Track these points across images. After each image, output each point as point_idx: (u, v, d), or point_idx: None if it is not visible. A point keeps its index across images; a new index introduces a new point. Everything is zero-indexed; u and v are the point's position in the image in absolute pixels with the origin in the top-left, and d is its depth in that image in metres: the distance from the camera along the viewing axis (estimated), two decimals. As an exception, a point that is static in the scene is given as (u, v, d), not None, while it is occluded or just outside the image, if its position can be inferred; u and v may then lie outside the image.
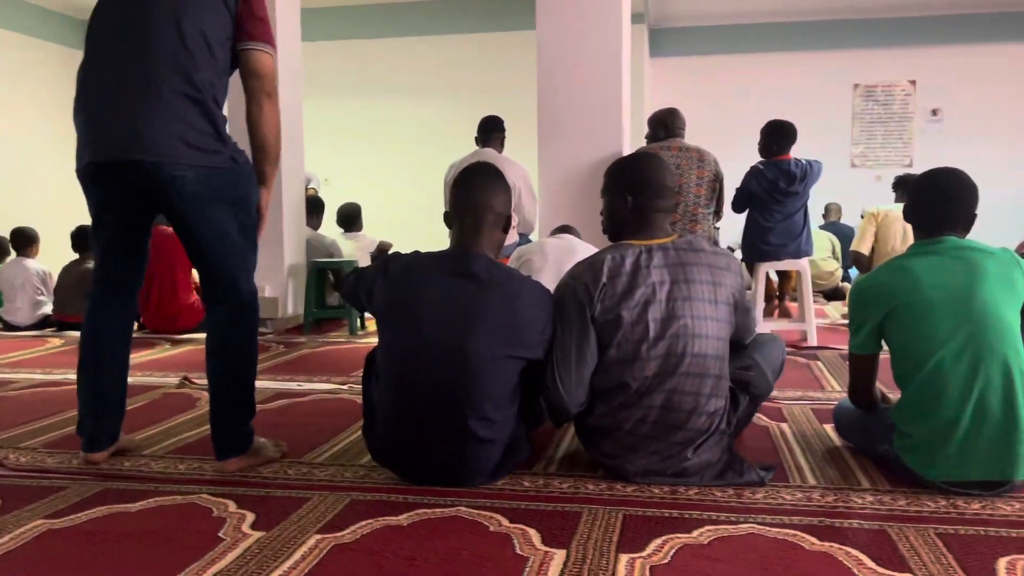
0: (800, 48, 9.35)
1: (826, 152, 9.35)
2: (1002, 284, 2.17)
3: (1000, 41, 9.05)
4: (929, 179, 2.32)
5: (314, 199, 6.07)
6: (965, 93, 9.16)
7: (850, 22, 9.19)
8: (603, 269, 2.21)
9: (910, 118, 9.30)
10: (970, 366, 2.09)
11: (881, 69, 9.30)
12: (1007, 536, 1.87)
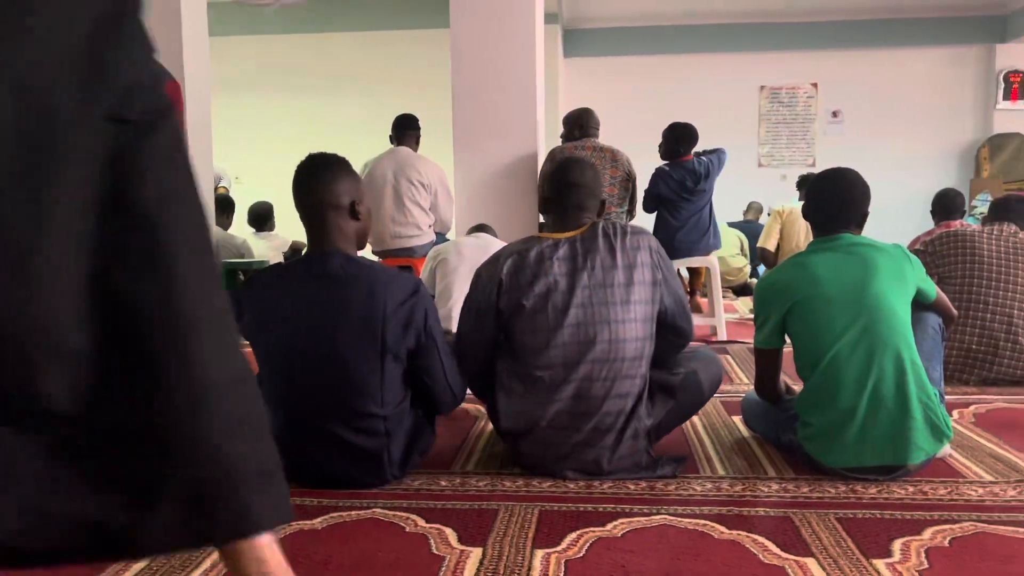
0: (709, 50, 9.60)
1: (735, 152, 9.60)
2: (893, 278, 2.28)
3: (896, 46, 9.50)
4: (824, 179, 2.43)
5: (224, 198, 5.91)
6: (864, 95, 9.58)
7: (756, 26, 9.49)
8: (506, 262, 2.27)
9: (813, 119, 9.67)
10: (865, 357, 2.19)
11: (786, 72, 9.65)
12: (901, 518, 1.97)
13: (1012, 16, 9.20)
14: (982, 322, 3.39)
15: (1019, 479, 2.23)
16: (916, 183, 9.12)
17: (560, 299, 2.22)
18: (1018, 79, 9.31)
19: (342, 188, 2.19)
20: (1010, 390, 3.32)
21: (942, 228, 4.28)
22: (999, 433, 2.70)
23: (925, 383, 2.22)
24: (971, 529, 1.89)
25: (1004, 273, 3.40)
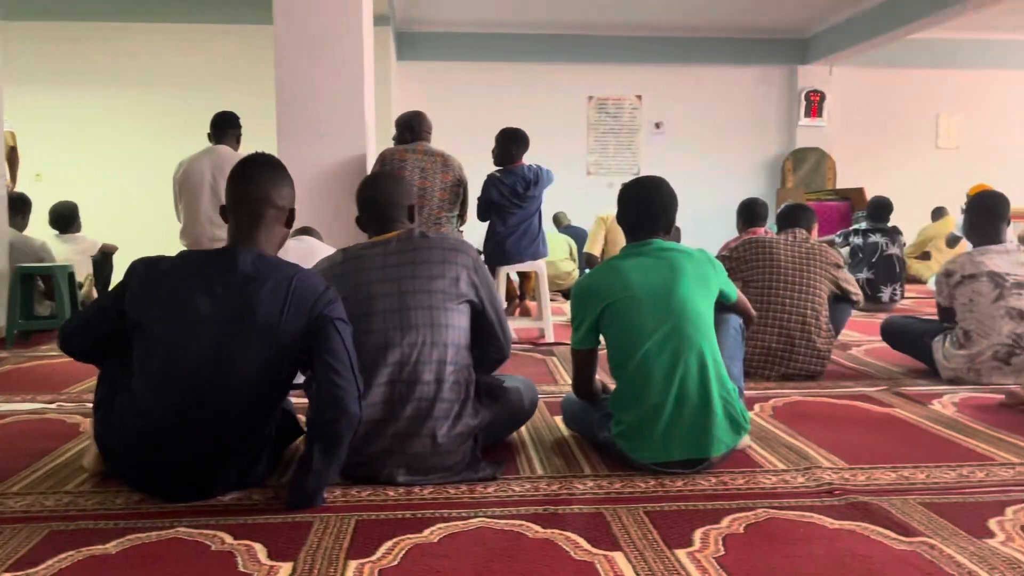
0: (541, 60, 9.85)
1: (565, 160, 9.94)
2: (698, 281, 2.42)
3: (712, 63, 10.13)
4: (634, 188, 2.53)
5: (18, 197, 5.42)
6: (683, 108, 10.15)
7: (585, 38, 9.84)
8: (321, 269, 2.36)
9: (637, 130, 10.14)
10: (672, 356, 2.31)
11: (613, 83, 10.06)
12: (703, 509, 2.08)
13: (812, 40, 10.05)
14: (781, 322, 3.66)
15: (808, 466, 2.42)
16: (730, 192, 9.74)
17: (374, 303, 2.26)
18: (817, 98, 10.18)
19: (288, 193, 2.20)
20: (805, 384, 3.60)
21: (747, 235, 4.58)
22: (794, 424, 2.92)
23: (725, 380, 2.37)
24: (764, 516, 2.03)
25: (799, 277, 3.68)
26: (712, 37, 10.02)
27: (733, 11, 9.14)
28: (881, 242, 6.15)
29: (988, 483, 2.28)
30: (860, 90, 10.33)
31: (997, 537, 1.88)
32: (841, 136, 10.29)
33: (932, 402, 3.24)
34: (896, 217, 6.55)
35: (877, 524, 1.96)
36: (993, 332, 3.47)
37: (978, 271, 3.50)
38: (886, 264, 6.12)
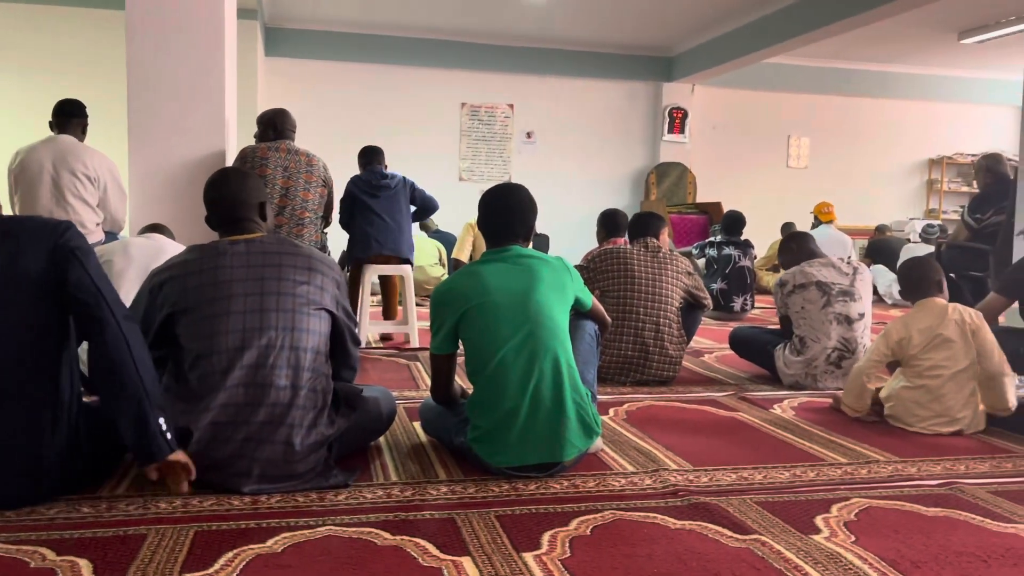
0: (415, 64, 9.79)
1: (438, 165, 9.95)
2: (555, 288, 2.46)
3: (582, 76, 10.37)
4: (494, 195, 2.55)
5: None
6: (554, 119, 10.33)
7: (459, 44, 9.85)
8: (175, 263, 2.29)
9: (509, 138, 10.24)
10: (527, 361, 2.33)
11: (485, 91, 10.12)
12: (553, 512, 2.11)
13: (676, 59, 10.47)
14: (636, 331, 3.78)
15: (656, 468, 2.51)
16: (598, 202, 9.96)
17: (232, 302, 2.19)
18: (680, 115, 10.60)
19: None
20: (658, 389, 3.73)
21: (608, 245, 4.70)
22: (645, 428, 3.02)
23: (579, 384, 2.42)
24: (611, 517, 2.08)
25: (653, 286, 3.82)
26: (583, 51, 10.26)
27: (603, 27, 9.39)
28: (734, 254, 6.46)
29: (818, 482, 2.42)
30: (720, 109, 10.84)
31: (822, 533, 2.00)
32: (701, 152, 10.75)
33: (773, 407, 3.43)
34: (749, 231, 6.90)
35: (716, 523, 2.05)
36: (823, 337, 3.72)
37: (808, 280, 3.76)
38: (738, 275, 6.44)
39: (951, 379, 2.99)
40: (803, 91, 10.95)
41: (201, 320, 2.18)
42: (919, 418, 3.03)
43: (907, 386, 3.09)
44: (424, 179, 9.57)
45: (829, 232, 7.78)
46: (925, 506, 2.21)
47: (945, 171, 11.58)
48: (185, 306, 2.20)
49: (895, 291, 7.81)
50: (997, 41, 9.03)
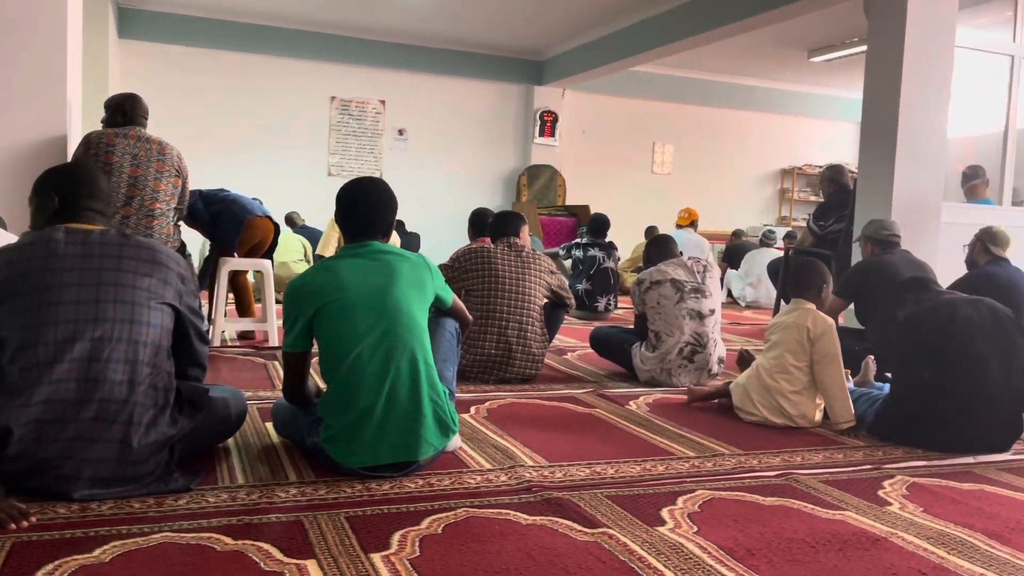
0: (283, 54, 9.50)
1: (306, 160, 9.70)
2: (414, 285, 2.43)
3: (456, 75, 10.36)
4: (353, 189, 2.49)
5: None
6: (427, 117, 10.27)
7: (329, 37, 9.64)
8: (2, 250, 2.14)
9: (381, 134, 10.11)
10: (384, 358, 2.29)
11: (356, 86, 9.94)
12: (406, 511, 2.08)
13: (547, 63, 10.63)
14: (500, 330, 3.80)
15: (512, 465, 2.52)
16: (470, 201, 9.95)
17: (64, 291, 2.06)
18: (551, 118, 10.77)
19: None
20: (520, 387, 3.76)
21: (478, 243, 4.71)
22: (505, 425, 3.03)
23: (436, 382, 2.40)
24: (464, 515, 2.07)
25: (517, 286, 3.85)
26: (457, 50, 10.26)
27: (477, 28, 9.42)
28: (599, 256, 6.62)
29: (667, 475, 2.50)
30: (589, 114, 11.10)
31: (667, 525, 2.07)
32: (571, 156, 10.97)
33: (629, 403, 3.53)
34: (616, 233, 7.09)
35: (566, 518, 2.07)
36: (677, 331, 3.87)
37: (663, 278, 3.91)
38: (602, 276, 6.61)
39: (785, 375, 3.15)
40: (668, 100, 11.37)
41: (26, 309, 2.02)
42: (756, 407, 3.19)
43: (752, 376, 3.26)
44: (291, 174, 9.41)
45: (689, 236, 8.11)
46: (763, 496, 2.32)
47: (796, 181, 12.31)
48: (9, 294, 2.04)
49: (748, 294, 8.23)
50: (843, 60, 9.68)
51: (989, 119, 6.39)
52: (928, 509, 2.27)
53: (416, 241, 8.69)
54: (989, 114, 6.39)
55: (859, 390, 3.32)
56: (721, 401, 3.45)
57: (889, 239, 4.40)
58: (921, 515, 2.22)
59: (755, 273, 8.14)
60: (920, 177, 5.43)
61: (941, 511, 2.25)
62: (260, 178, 8.89)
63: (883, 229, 4.45)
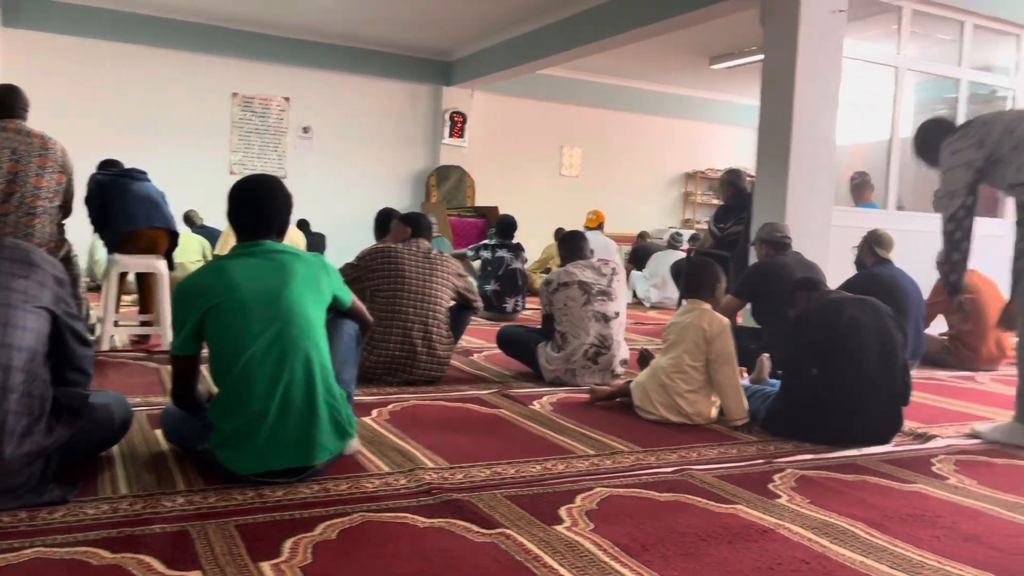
0: (181, 47, 9.17)
1: (205, 157, 9.39)
2: (309, 286, 2.37)
3: (363, 74, 10.22)
4: (246, 187, 2.42)
5: None
6: (334, 115, 10.10)
7: (230, 31, 9.36)
8: None
9: (285, 132, 9.88)
10: (277, 361, 2.23)
11: (259, 82, 9.69)
12: (300, 517, 2.03)
13: (456, 63, 10.61)
14: (404, 331, 3.75)
15: (412, 468, 2.49)
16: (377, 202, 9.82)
17: None
18: (460, 119, 10.76)
19: None
20: (425, 389, 3.73)
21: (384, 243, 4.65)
22: (407, 428, 2.99)
23: (332, 385, 2.35)
24: (360, 519, 2.03)
25: (422, 286, 3.81)
26: (364, 48, 10.12)
27: (385, 27, 9.32)
28: (506, 257, 6.64)
29: (567, 474, 2.52)
30: (498, 116, 11.13)
31: (565, 523, 2.08)
32: (480, 157, 10.98)
33: (533, 403, 3.54)
34: (525, 235, 7.13)
35: (464, 519, 2.06)
36: (583, 332, 3.91)
37: (571, 280, 3.94)
38: (510, 277, 6.63)
39: (681, 374, 3.23)
40: (576, 103, 11.52)
41: None
42: (654, 406, 3.25)
43: (651, 375, 3.32)
44: (191, 171, 9.08)
45: (596, 238, 8.21)
46: (659, 492, 2.37)
47: (699, 184, 12.66)
48: None
49: (653, 295, 8.40)
50: (743, 68, 10.00)
51: (877, 128, 6.71)
52: (814, 500, 2.35)
53: (322, 241, 8.53)
54: (877, 123, 6.72)
55: (753, 387, 3.42)
56: (622, 400, 3.50)
57: (781, 241, 4.56)
58: (807, 506, 2.30)
59: (660, 274, 8.32)
60: (812, 182, 5.65)
61: (826, 502, 2.34)
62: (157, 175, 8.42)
63: (775, 231, 4.61)
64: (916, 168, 7.71)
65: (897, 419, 3.07)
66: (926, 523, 2.20)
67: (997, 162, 3.16)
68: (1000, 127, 3.17)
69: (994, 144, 3.16)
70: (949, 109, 6.87)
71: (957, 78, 6.68)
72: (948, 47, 6.76)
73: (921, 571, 1.86)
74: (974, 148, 3.20)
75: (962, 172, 3.23)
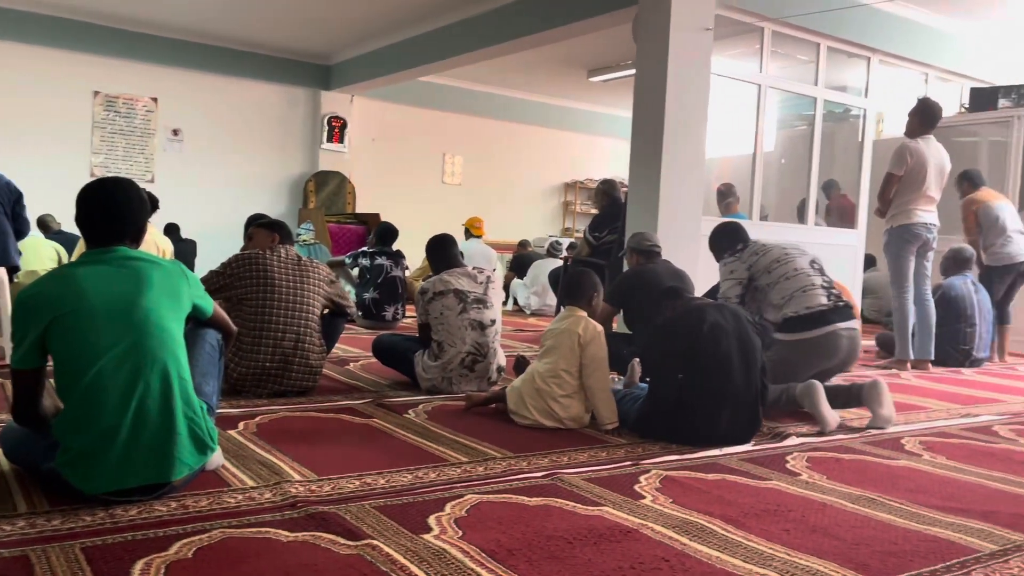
0: (36, 42, 8.64)
1: (65, 158, 8.87)
2: (167, 294, 2.27)
3: (237, 75, 9.92)
4: (97, 189, 2.29)
5: None
6: (205, 117, 9.75)
7: (92, 27, 8.89)
8: None
9: (153, 134, 9.45)
10: (131, 373, 2.12)
11: (123, 81, 9.24)
12: (154, 537, 1.93)
13: (335, 68, 10.45)
14: (275, 341, 3.64)
15: (278, 481, 2.42)
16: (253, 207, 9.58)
17: None
18: (339, 124, 10.59)
19: None
20: (296, 400, 3.64)
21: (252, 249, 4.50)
22: (275, 441, 2.90)
23: (192, 398, 2.25)
24: (219, 537, 1.95)
25: (293, 295, 3.72)
26: (238, 50, 9.82)
27: (259, 28, 9.07)
28: (386, 264, 6.58)
29: (438, 482, 2.51)
30: (379, 121, 11.03)
31: (433, 531, 2.06)
32: (361, 163, 10.85)
33: (408, 411, 3.51)
34: (406, 243, 7.08)
35: (330, 532, 2.01)
36: (459, 341, 3.91)
37: (446, 288, 3.93)
38: (390, 285, 6.57)
39: (556, 379, 3.28)
40: (458, 111, 11.56)
41: None
42: (528, 410, 3.29)
43: (526, 380, 3.35)
44: (47, 173, 8.54)
45: (477, 246, 8.26)
46: (529, 497, 2.39)
47: (578, 194, 12.94)
48: None
49: (533, 302, 8.51)
50: (619, 81, 10.31)
51: (743, 142, 7.05)
52: (676, 500, 2.43)
53: (192, 248, 8.21)
54: (743, 137, 7.06)
55: (623, 391, 3.51)
56: (498, 406, 3.53)
57: (651, 250, 4.72)
58: (670, 506, 2.37)
59: (540, 282, 8.45)
60: (683, 192, 5.88)
61: (688, 501, 2.43)
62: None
63: (645, 241, 4.77)
64: (778, 180, 8.16)
65: (756, 419, 3.22)
66: (778, 517, 2.31)
67: (758, 289, 3.97)
68: (767, 260, 3.96)
69: (759, 273, 3.96)
70: (807, 125, 7.31)
71: (814, 97, 7.10)
72: (806, 67, 7.19)
73: (771, 563, 1.95)
74: (744, 270, 4.01)
75: (734, 286, 4.03)
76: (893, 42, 7.28)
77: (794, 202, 7.54)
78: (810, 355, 3.80)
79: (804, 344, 3.78)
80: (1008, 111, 7.41)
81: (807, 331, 3.76)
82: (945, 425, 3.78)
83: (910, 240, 5.50)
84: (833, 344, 3.78)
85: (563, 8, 6.98)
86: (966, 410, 4.19)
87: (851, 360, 3.93)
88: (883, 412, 3.58)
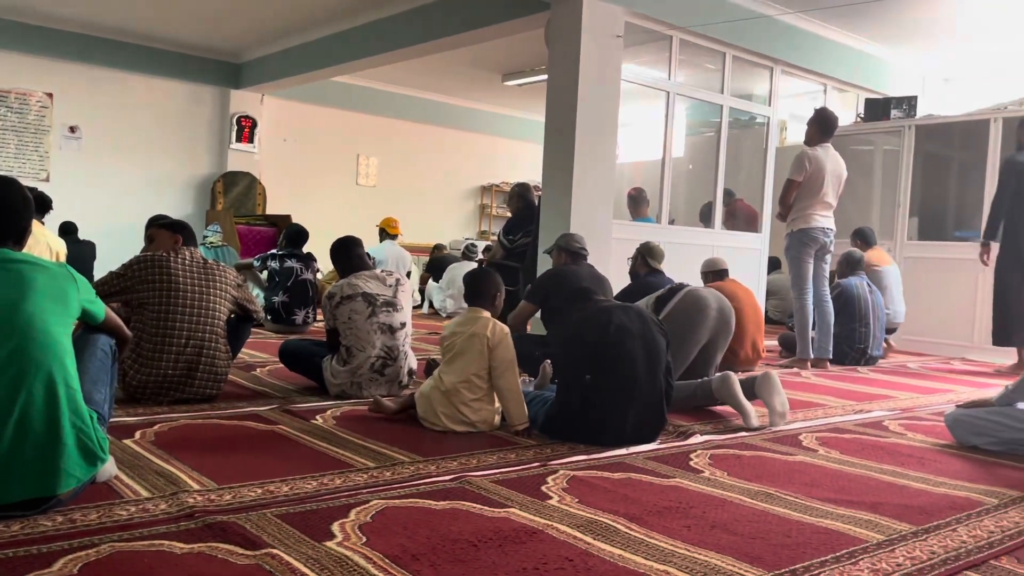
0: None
1: (-49, 154, 8.39)
2: (53, 299, 2.16)
3: (139, 72, 9.57)
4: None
5: None
6: (106, 114, 9.37)
7: (-21, 16, 8.45)
8: None
9: (47, 131, 9.03)
10: (12, 382, 2.01)
11: (14, 74, 8.80)
12: (36, 553, 1.84)
13: (244, 66, 10.19)
14: (179, 347, 3.52)
15: (175, 491, 2.33)
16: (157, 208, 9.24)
17: None
18: (249, 124, 10.33)
19: None
20: (199, 407, 3.52)
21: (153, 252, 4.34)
22: (174, 450, 2.81)
23: (80, 407, 2.15)
24: (108, 551, 1.87)
25: (198, 299, 3.60)
26: (140, 45, 9.47)
27: (164, 23, 8.77)
28: (296, 267, 6.45)
29: (343, 488, 2.47)
30: (291, 122, 10.82)
31: (336, 538, 2.03)
32: (272, 164, 10.61)
33: (316, 417, 3.45)
34: (319, 245, 6.94)
35: (228, 542, 1.96)
36: (368, 346, 3.86)
37: (355, 292, 3.88)
38: (300, 288, 6.44)
39: (466, 383, 3.27)
40: (373, 113, 11.44)
41: None
42: (439, 417, 3.27)
43: (434, 386, 3.33)
44: (-72, 170, 8.07)
45: (392, 247, 8.19)
46: (436, 501, 2.37)
47: (494, 197, 12.98)
48: None
49: (449, 305, 8.49)
50: (534, 85, 10.38)
51: (653, 147, 7.20)
52: (582, 500, 2.46)
53: (91, 250, 7.86)
54: (653, 143, 7.21)
55: (533, 392, 3.53)
56: (409, 412, 3.49)
57: (579, 252, 4.79)
58: (576, 506, 2.40)
59: (456, 285, 8.43)
60: (594, 196, 5.97)
61: (593, 500, 2.46)
62: None
63: (574, 242, 4.83)
64: (687, 185, 8.37)
65: (662, 418, 3.28)
66: (680, 514, 2.36)
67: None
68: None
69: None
70: (714, 132, 7.52)
71: (720, 104, 7.31)
72: (714, 76, 7.40)
73: (671, 559, 1.99)
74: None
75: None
76: (795, 53, 7.57)
77: (698, 208, 7.76)
78: None
79: None
80: (899, 121, 7.79)
81: None
82: (840, 421, 3.94)
83: (809, 244, 5.73)
84: None
85: (477, 11, 6.99)
86: (860, 406, 4.38)
87: None
88: (775, 402, 3.67)
